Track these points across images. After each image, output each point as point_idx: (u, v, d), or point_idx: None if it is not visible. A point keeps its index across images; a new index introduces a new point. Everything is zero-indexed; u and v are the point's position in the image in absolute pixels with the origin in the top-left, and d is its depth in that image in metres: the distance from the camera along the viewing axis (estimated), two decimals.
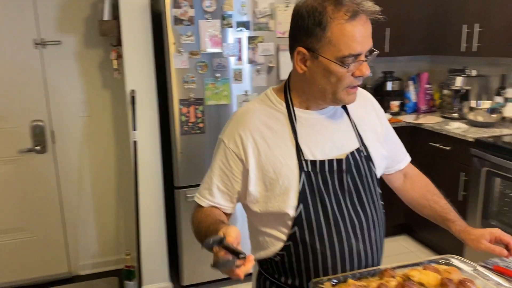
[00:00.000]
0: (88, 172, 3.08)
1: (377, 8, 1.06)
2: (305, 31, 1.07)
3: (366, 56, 1.07)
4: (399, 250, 3.36)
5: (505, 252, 1.18)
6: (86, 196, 3.11)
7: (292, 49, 1.12)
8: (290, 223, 1.14)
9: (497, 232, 1.21)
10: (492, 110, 3.08)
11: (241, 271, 0.88)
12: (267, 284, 1.26)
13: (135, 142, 2.64)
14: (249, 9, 2.60)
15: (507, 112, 3.13)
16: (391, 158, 1.34)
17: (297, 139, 1.15)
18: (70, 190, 3.06)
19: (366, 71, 1.07)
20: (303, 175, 1.12)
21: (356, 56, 1.05)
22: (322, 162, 1.14)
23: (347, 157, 1.16)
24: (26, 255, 3.02)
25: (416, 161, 1.48)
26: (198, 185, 2.94)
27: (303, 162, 1.13)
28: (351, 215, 1.15)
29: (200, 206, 1.22)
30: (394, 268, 1.10)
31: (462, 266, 1.12)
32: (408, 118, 3.46)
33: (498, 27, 2.97)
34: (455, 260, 1.13)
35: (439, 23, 3.49)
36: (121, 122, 3.05)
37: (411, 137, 3.35)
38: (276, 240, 1.18)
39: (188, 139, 2.67)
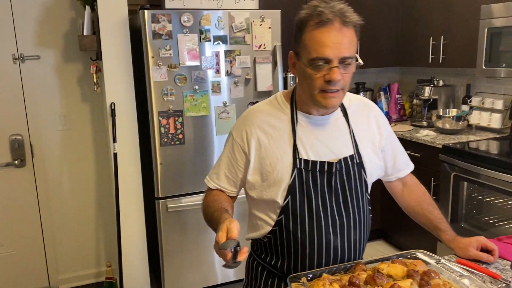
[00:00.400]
0: (67, 185, 3.10)
1: (357, 18, 1.16)
2: (294, 37, 1.21)
3: (341, 63, 1.14)
4: (375, 255, 3.45)
5: (491, 258, 1.31)
6: (66, 209, 3.12)
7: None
8: (278, 211, 1.27)
9: (483, 240, 1.34)
10: (458, 118, 3.24)
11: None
12: (255, 264, 1.43)
13: (115, 154, 2.68)
14: (226, 23, 2.70)
15: (473, 120, 3.29)
16: (391, 166, 1.44)
17: (295, 139, 1.26)
18: (49, 203, 3.07)
19: (335, 76, 1.13)
20: (295, 171, 1.24)
21: (327, 61, 1.14)
22: (314, 162, 1.25)
23: (339, 162, 1.26)
24: (5, 271, 3.00)
25: None
26: (179, 195, 2.98)
27: (297, 160, 1.25)
28: (334, 213, 1.26)
29: (210, 189, 1.39)
30: (365, 263, 1.19)
31: (427, 259, 1.21)
32: None
33: (460, 39, 3.15)
34: (421, 254, 1.23)
35: (407, 36, 3.67)
36: (100, 135, 3.09)
37: None
38: (265, 224, 1.32)
39: (168, 150, 2.72)
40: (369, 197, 1.36)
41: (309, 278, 1.13)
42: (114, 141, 2.67)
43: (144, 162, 2.84)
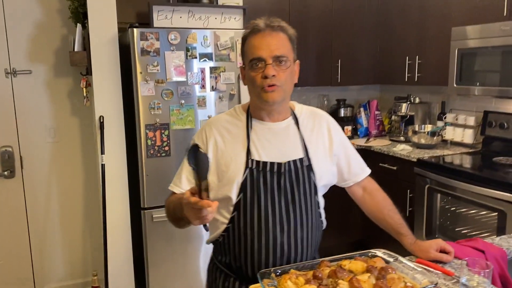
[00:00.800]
0: (55, 195, 3.18)
1: (283, 24, 1.37)
2: (241, 50, 1.42)
3: (275, 61, 1.33)
4: None
5: (450, 258, 1.44)
6: (54, 219, 3.20)
7: None
8: (231, 208, 1.39)
9: (441, 242, 1.47)
10: (433, 133, 3.41)
11: (207, 208, 1.09)
12: (215, 268, 1.54)
13: (103, 165, 2.78)
14: (212, 42, 2.84)
15: (448, 135, 3.46)
16: (346, 172, 1.57)
17: (249, 143, 1.40)
18: (37, 214, 3.14)
19: (269, 72, 1.32)
20: (247, 171, 1.37)
21: (262, 60, 1.32)
22: (265, 163, 1.38)
23: (287, 163, 1.39)
24: None
25: None
26: (164, 206, 3.07)
27: (249, 161, 1.38)
28: (282, 211, 1.38)
29: (173, 193, 1.47)
30: (330, 261, 1.30)
31: (386, 257, 1.33)
32: (360, 142, 3.75)
33: (434, 59, 3.33)
34: (380, 253, 1.35)
35: (385, 56, 3.85)
36: (88, 147, 3.19)
37: (362, 158, 3.62)
38: (221, 223, 1.43)
39: (154, 162, 2.83)
40: (319, 200, 1.47)
41: (277, 273, 1.24)
42: (102, 152, 2.77)
43: (131, 173, 2.93)
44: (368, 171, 1.64)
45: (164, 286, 2.97)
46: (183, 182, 1.45)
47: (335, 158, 1.52)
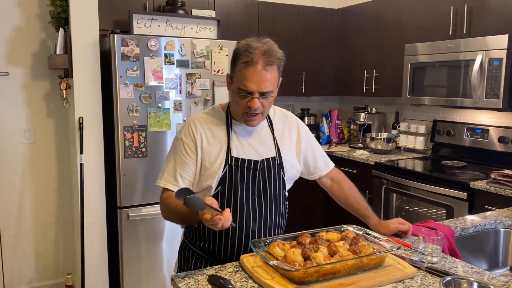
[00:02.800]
0: (29, 196, 3.21)
1: (279, 60, 1.46)
2: (231, 63, 1.52)
3: (263, 95, 1.45)
4: None
5: (407, 228, 1.68)
6: (26, 221, 3.22)
7: None
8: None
9: (400, 219, 1.72)
10: (388, 140, 3.73)
11: (221, 221, 1.25)
12: (187, 250, 1.67)
13: (81, 164, 2.87)
14: (188, 50, 3.03)
15: (401, 142, 3.79)
16: (313, 166, 1.78)
17: (229, 142, 1.56)
18: (9, 215, 3.16)
19: (254, 105, 1.45)
20: (227, 166, 1.54)
21: (249, 92, 1.44)
22: (243, 160, 1.57)
23: (262, 161, 1.59)
24: None
25: None
26: (140, 205, 3.16)
27: (229, 158, 1.55)
28: (255, 203, 1.57)
29: (166, 190, 1.55)
30: (310, 233, 1.51)
31: (355, 231, 1.55)
32: (323, 148, 4.02)
33: (389, 73, 3.68)
34: (350, 227, 1.57)
35: (345, 69, 4.18)
36: (63, 149, 3.26)
37: None
38: None
39: (131, 162, 2.95)
40: (286, 194, 1.67)
41: (267, 243, 1.43)
42: (81, 152, 2.86)
43: (109, 173, 3.03)
44: (332, 165, 1.84)
45: (138, 285, 3.05)
46: (179, 181, 1.53)
47: (302, 155, 1.72)
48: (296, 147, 1.70)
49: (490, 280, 1.33)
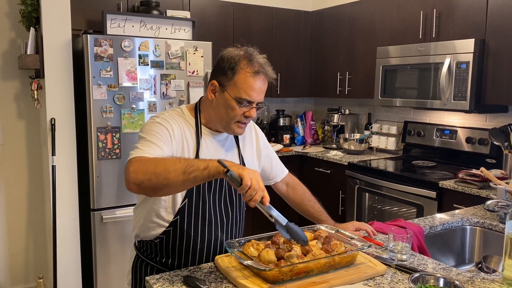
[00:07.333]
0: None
1: (274, 76, 1.50)
2: (221, 71, 1.46)
3: (257, 104, 1.48)
4: None
5: (368, 229, 1.72)
6: None
7: (209, 81, 1.53)
8: (172, 212, 1.48)
9: (356, 223, 1.76)
10: (361, 141, 3.80)
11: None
12: (143, 265, 1.57)
13: (53, 166, 2.82)
14: (163, 50, 3.02)
15: (374, 143, 3.87)
16: (269, 172, 1.79)
17: (198, 149, 1.51)
18: None
19: (253, 114, 1.48)
20: None
21: (250, 102, 1.45)
22: None
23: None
24: None
25: (304, 183, 1.87)
26: (114, 207, 3.12)
27: None
28: (222, 213, 1.56)
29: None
30: None
31: (328, 230, 1.59)
32: (297, 148, 4.08)
33: (362, 75, 3.75)
34: (323, 227, 1.60)
35: (319, 72, 4.24)
36: (34, 150, 3.20)
37: (300, 163, 3.96)
38: (158, 226, 1.51)
39: (105, 164, 2.91)
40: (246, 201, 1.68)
41: (241, 243, 1.44)
42: (53, 154, 2.81)
43: (81, 175, 2.99)
44: (286, 171, 1.85)
45: (111, 286, 3.03)
46: (162, 146, 1.40)
47: (263, 160, 1.74)
48: (256, 153, 1.72)
49: (456, 276, 1.38)
